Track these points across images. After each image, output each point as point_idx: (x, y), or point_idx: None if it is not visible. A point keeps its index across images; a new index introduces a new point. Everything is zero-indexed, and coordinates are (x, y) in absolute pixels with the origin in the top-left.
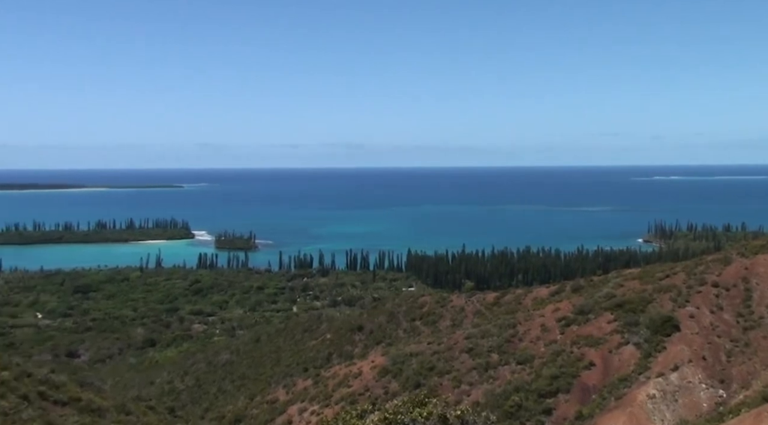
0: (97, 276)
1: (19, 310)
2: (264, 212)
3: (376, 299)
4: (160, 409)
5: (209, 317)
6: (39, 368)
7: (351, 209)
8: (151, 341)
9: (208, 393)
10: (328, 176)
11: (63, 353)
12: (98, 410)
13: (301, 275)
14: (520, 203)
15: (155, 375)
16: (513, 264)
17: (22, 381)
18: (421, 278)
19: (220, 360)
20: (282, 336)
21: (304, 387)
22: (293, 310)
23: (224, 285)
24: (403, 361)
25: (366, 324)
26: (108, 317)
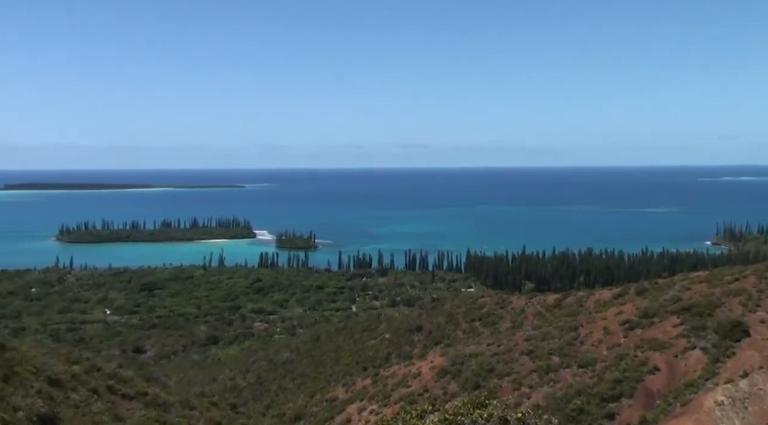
0: (163, 274)
1: (89, 306)
2: (324, 212)
3: (435, 299)
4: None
5: (270, 316)
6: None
7: (409, 209)
8: (213, 338)
9: (269, 390)
10: (388, 176)
11: (130, 348)
12: (163, 404)
13: (361, 274)
14: (582, 204)
15: (218, 372)
16: (574, 266)
17: (92, 375)
18: (481, 279)
19: (280, 358)
20: (341, 335)
21: (363, 386)
22: (352, 309)
23: (285, 284)
24: (462, 362)
25: (425, 324)
26: (172, 315)
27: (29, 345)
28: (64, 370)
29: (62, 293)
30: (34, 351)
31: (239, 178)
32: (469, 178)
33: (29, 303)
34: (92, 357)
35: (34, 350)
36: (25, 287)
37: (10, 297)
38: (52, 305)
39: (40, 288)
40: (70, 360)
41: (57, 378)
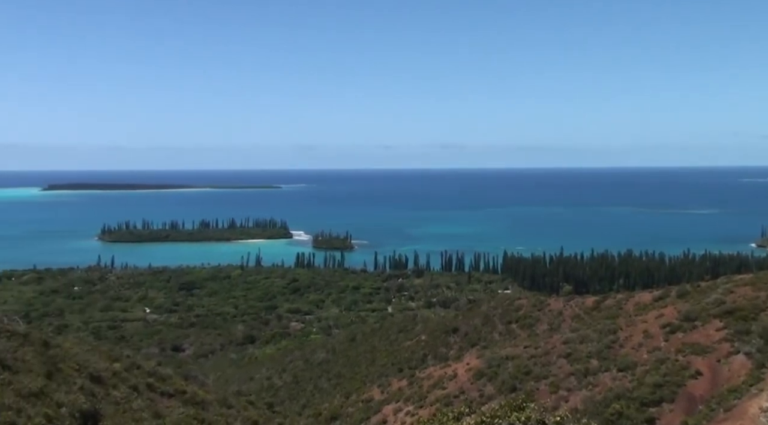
0: (201, 274)
1: (130, 305)
2: (360, 213)
3: (471, 301)
4: (260, 404)
5: (306, 316)
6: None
7: (445, 210)
8: (250, 338)
9: (305, 390)
10: (423, 176)
11: (169, 347)
12: (202, 402)
13: (396, 275)
14: (621, 205)
15: (255, 371)
16: (613, 268)
17: (132, 372)
18: (518, 280)
19: (316, 358)
20: (377, 336)
21: (399, 388)
22: (388, 310)
23: (321, 284)
24: (498, 364)
25: (461, 325)
26: (210, 314)
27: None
28: (106, 367)
29: (104, 292)
30: (76, 348)
31: (276, 178)
32: (505, 179)
33: (72, 301)
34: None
35: (77, 347)
36: (68, 285)
37: (53, 295)
38: (93, 304)
39: (82, 287)
40: (111, 357)
41: (99, 375)
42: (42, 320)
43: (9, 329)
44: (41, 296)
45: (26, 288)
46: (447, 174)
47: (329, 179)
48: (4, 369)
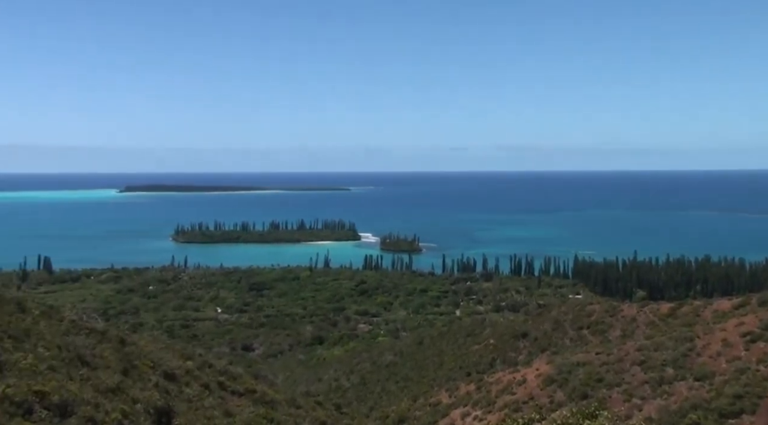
0: (271, 275)
1: (202, 304)
2: (429, 215)
3: (541, 305)
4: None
5: (374, 318)
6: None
7: (515, 213)
8: (319, 338)
9: (372, 392)
10: (493, 179)
11: (239, 346)
12: (271, 402)
13: (465, 278)
14: (699, 209)
15: (323, 372)
16: (690, 273)
17: (204, 371)
18: (589, 285)
19: (384, 360)
20: (445, 340)
21: (466, 392)
22: (456, 314)
23: (389, 287)
24: (569, 371)
25: (530, 330)
26: (280, 314)
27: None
28: (179, 365)
29: (177, 291)
30: (151, 346)
31: (345, 181)
32: (578, 181)
33: (147, 300)
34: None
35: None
36: (143, 284)
37: (130, 294)
38: (167, 303)
39: (157, 286)
40: (184, 355)
41: (172, 373)
42: (119, 318)
43: (88, 326)
44: (118, 294)
45: (104, 287)
46: (518, 177)
47: (398, 181)
48: (83, 364)
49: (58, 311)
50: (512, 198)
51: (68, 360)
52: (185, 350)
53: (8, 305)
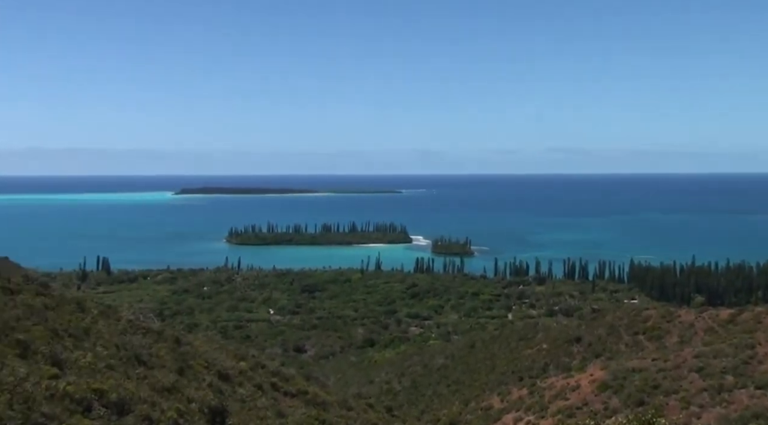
0: (323, 277)
1: (255, 306)
2: (480, 218)
3: (595, 310)
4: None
5: (425, 321)
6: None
7: (569, 216)
8: (370, 341)
9: (423, 395)
10: (546, 182)
11: (291, 347)
12: (323, 404)
13: (517, 282)
14: (761, 213)
15: (374, 374)
16: (752, 279)
17: (257, 371)
18: (645, 290)
19: (435, 363)
20: (497, 343)
21: (519, 397)
22: (508, 317)
23: (440, 290)
24: (624, 377)
25: (584, 335)
26: (331, 316)
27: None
28: (232, 366)
29: (230, 292)
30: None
31: (396, 183)
32: (632, 184)
33: (201, 301)
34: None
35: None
36: (198, 285)
37: (185, 295)
38: (221, 304)
39: (211, 287)
40: (237, 356)
41: (226, 373)
42: (174, 318)
43: (145, 326)
44: (174, 295)
45: (160, 287)
46: (570, 179)
47: (450, 184)
48: (140, 363)
49: (116, 311)
50: (564, 201)
51: (125, 359)
52: (239, 350)
53: (69, 304)
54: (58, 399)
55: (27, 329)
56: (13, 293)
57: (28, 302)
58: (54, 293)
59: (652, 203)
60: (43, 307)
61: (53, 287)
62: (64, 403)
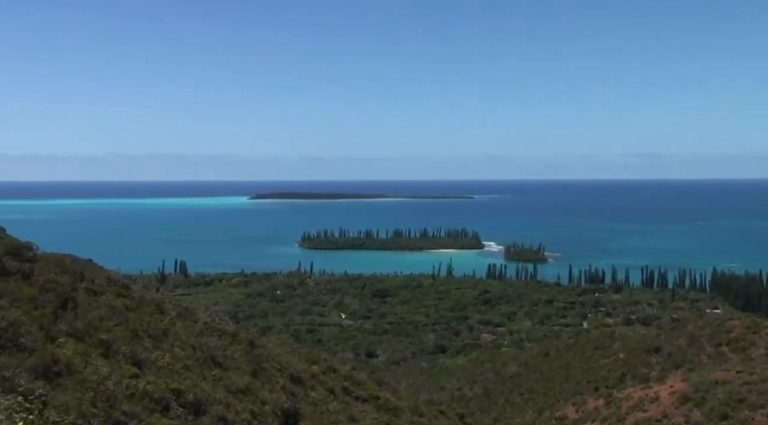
0: (394, 282)
1: (326, 310)
2: (554, 224)
3: (675, 319)
4: (450, 414)
5: (498, 328)
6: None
7: (646, 223)
8: (441, 347)
9: (496, 403)
10: (622, 187)
11: (363, 352)
12: (394, 409)
13: (593, 290)
14: None
15: (445, 381)
16: None
17: (329, 375)
18: (729, 300)
19: (508, 371)
20: (571, 352)
21: (595, 407)
22: (583, 326)
23: (513, 296)
24: (707, 389)
25: (664, 345)
26: (403, 322)
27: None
28: (305, 369)
29: (303, 296)
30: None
31: (468, 189)
32: (713, 190)
33: (275, 304)
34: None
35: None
36: (271, 289)
37: (258, 298)
38: (294, 307)
39: (284, 291)
40: (309, 359)
41: (298, 376)
42: (248, 321)
43: (220, 328)
44: (248, 298)
45: (234, 290)
46: (647, 185)
47: (523, 190)
48: (215, 365)
49: (192, 313)
50: (642, 207)
51: (202, 360)
52: (311, 354)
53: (148, 306)
54: (138, 398)
55: (109, 329)
56: (96, 295)
57: (111, 303)
58: (134, 295)
59: (733, 209)
60: (124, 308)
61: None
62: (144, 402)
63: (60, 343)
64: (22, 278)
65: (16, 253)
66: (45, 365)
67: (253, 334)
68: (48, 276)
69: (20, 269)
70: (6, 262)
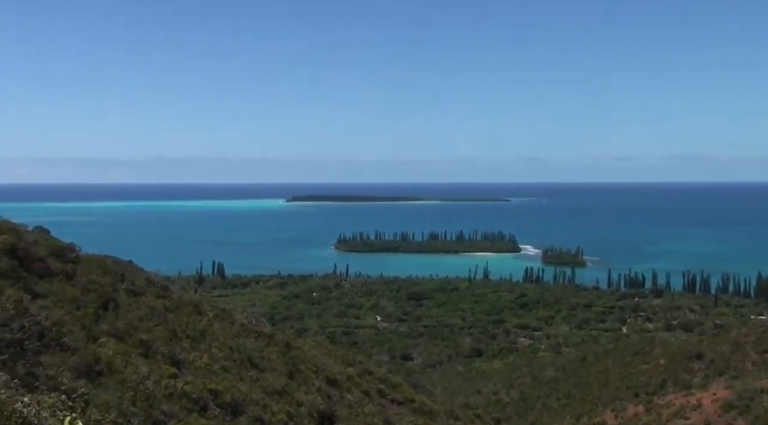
0: (429, 285)
1: (362, 312)
2: (592, 228)
3: (717, 325)
4: (487, 419)
5: (535, 332)
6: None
7: (687, 226)
8: (477, 351)
9: (533, 408)
10: (662, 190)
11: (398, 355)
12: (430, 412)
13: (632, 294)
14: None
15: (481, 385)
16: None
17: (365, 377)
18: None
19: (545, 376)
20: (610, 357)
21: (634, 413)
22: (623, 331)
23: (550, 300)
24: (751, 397)
25: (706, 352)
26: (438, 325)
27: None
28: (340, 371)
29: (339, 299)
30: (314, 351)
31: (505, 191)
32: (755, 193)
33: (311, 306)
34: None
35: (315, 350)
36: (307, 291)
37: (295, 300)
38: (329, 309)
39: (320, 293)
40: (345, 362)
41: (334, 378)
42: (284, 322)
43: (257, 329)
44: (284, 300)
45: (271, 292)
46: (689, 188)
47: (560, 193)
48: (252, 366)
49: (230, 314)
50: (683, 210)
51: (239, 361)
52: (346, 356)
53: (187, 307)
54: (176, 397)
55: (149, 329)
56: (136, 295)
57: (150, 304)
58: (173, 296)
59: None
60: (163, 309)
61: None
62: (182, 402)
63: (101, 343)
64: (65, 278)
65: (60, 254)
66: (87, 364)
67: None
68: (90, 277)
69: (63, 269)
70: (50, 263)
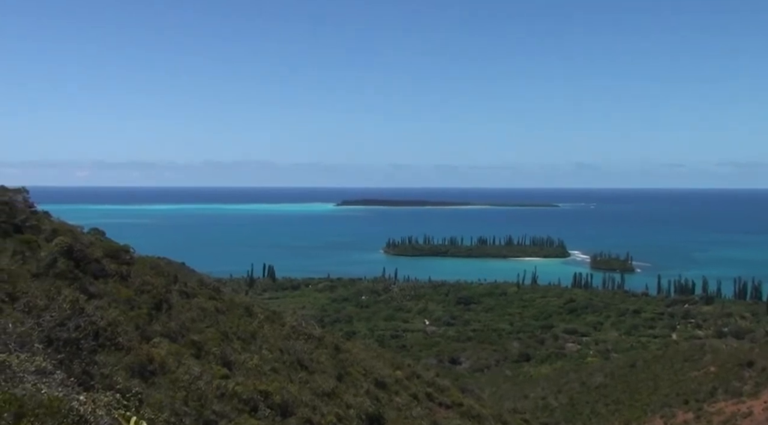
0: (478, 289)
1: (410, 316)
2: (642, 234)
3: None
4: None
5: (583, 338)
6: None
7: (739, 233)
8: (525, 355)
9: (581, 413)
10: (714, 196)
11: (446, 359)
12: (477, 416)
13: (682, 301)
14: None
15: (529, 390)
16: None
17: (413, 381)
18: None
19: (593, 381)
20: (660, 364)
21: (684, 420)
22: (672, 337)
23: (599, 306)
24: None
25: (758, 359)
26: (486, 329)
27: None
28: (389, 374)
29: (387, 302)
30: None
31: (554, 197)
32: None
33: (360, 310)
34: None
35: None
36: (356, 294)
37: (344, 303)
38: (378, 313)
39: (369, 296)
40: (394, 365)
41: (383, 381)
42: (333, 325)
43: (306, 332)
44: (333, 303)
45: (320, 295)
46: (743, 194)
47: (610, 198)
48: (302, 368)
49: (280, 316)
50: (736, 217)
51: (289, 363)
52: (395, 360)
53: (238, 309)
54: (227, 398)
55: (201, 330)
56: (189, 297)
57: (202, 306)
58: (225, 298)
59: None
60: (215, 310)
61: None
62: (233, 402)
63: (154, 343)
64: (119, 279)
65: (115, 256)
66: (140, 364)
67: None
68: (144, 278)
69: (118, 271)
70: (105, 264)
